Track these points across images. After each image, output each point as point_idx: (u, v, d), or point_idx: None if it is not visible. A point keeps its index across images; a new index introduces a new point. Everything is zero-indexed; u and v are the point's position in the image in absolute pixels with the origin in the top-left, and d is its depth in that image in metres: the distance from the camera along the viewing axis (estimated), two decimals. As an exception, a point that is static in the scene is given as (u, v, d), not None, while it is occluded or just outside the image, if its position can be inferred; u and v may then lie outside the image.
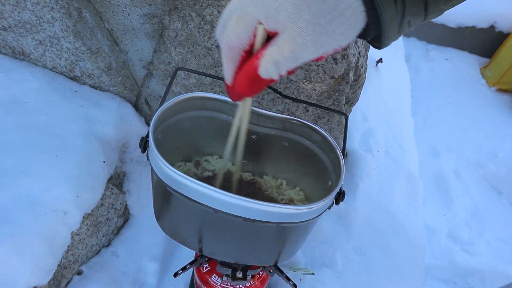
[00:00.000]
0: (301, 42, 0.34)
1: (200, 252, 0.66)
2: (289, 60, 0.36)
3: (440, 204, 1.61)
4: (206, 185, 0.49)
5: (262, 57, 0.37)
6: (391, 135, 1.32)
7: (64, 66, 0.96)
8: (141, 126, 1.00)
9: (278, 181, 0.73)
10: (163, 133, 0.62)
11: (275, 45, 0.36)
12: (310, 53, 0.35)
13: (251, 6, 0.36)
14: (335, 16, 0.33)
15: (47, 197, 0.76)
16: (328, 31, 0.34)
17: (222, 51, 0.39)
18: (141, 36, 0.85)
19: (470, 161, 1.77)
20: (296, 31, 0.34)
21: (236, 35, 0.37)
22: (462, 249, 1.45)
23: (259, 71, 0.37)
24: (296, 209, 0.52)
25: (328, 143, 0.61)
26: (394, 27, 0.35)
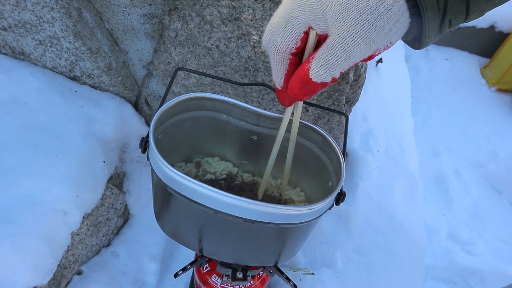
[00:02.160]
0: (351, 40, 0.35)
1: (200, 252, 0.66)
2: (341, 60, 0.36)
3: (440, 204, 1.61)
4: (206, 186, 0.49)
5: (313, 60, 0.37)
6: (391, 135, 1.32)
7: (64, 66, 0.96)
8: (141, 126, 1.00)
9: (278, 181, 0.73)
10: (163, 134, 0.62)
11: (325, 47, 0.36)
12: (361, 51, 0.36)
13: (298, 9, 0.36)
14: (382, 12, 0.33)
15: (47, 197, 0.76)
16: (377, 27, 0.34)
17: (270, 56, 0.40)
18: (141, 36, 0.85)
19: (470, 161, 1.77)
20: (345, 30, 0.35)
21: (283, 38, 0.38)
22: (462, 249, 1.45)
23: (311, 74, 0.38)
24: (297, 210, 0.51)
25: (328, 143, 0.61)
26: (435, 25, 0.35)
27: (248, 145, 0.69)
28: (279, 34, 0.38)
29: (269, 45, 0.40)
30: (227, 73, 0.85)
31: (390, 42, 0.36)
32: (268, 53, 0.41)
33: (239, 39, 0.78)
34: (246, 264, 0.71)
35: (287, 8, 0.38)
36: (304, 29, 0.37)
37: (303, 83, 0.39)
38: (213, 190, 0.49)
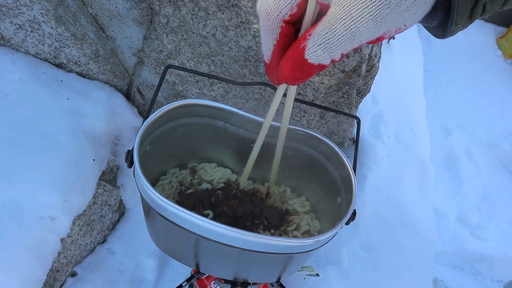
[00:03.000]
0: (357, 15, 0.28)
1: (196, 268, 0.61)
2: (343, 39, 0.29)
3: (450, 186, 1.55)
4: (190, 213, 0.44)
5: (310, 37, 0.30)
6: (402, 119, 1.24)
7: (48, 53, 0.88)
8: (134, 118, 0.93)
9: (281, 188, 0.67)
10: (152, 144, 0.55)
11: (326, 21, 0.29)
12: (369, 30, 0.29)
13: None
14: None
15: (32, 204, 0.70)
16: (392, 4, 0.27)
17: (260, 22, 0.33)
18: (128, 22, 0.76)
19: (482, 140, 1.69)
20: (352, 4, 0.28)
21: (276, 1, 0.31)
22: (471, 234, 1.41)
23: (306, 54, 0.31)
24: (301, 242, 0.46)
25: (338, 157, 0.54)
26: (466, 10, 0.28)
27: (248, 152, 0.62)
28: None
29: (260, 9, 0.33)
30: (225, 62, 0.77)
31: (404, 25, 0.30)
32: (259, 18, 0.33)
33: (238, 27, 0.69)
34: (246, 280, 0.66)
35: None
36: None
37: (296, 65, 0.32)
38: (198, 218, 0.43)
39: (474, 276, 1.35)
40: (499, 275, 1.34)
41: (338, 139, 0.90)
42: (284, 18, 0.32)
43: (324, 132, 0.87)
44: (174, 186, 0.63)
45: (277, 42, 0.33)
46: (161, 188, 0.63)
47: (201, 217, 0.44)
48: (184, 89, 0.85)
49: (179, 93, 0.86)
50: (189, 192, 0.62)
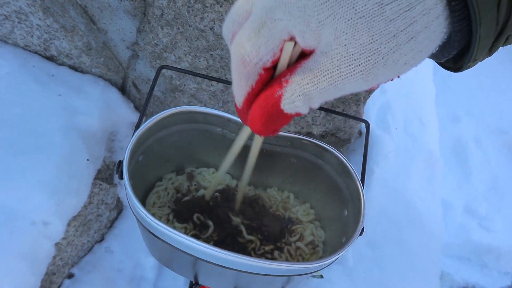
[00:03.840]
0: (347, 72, 0.24)
1: (195, 280, 0.59)
2: (326, 93, 0.25)
3: (458, 175, 1.51)
4: (190, 238, 0.40)
5: (287, 85, 0.26)
6: (410, 108, 1.19)
7: (38, 45, 0.83)
8: (130, 113, 0.88)
9: (284, 194, 0.63)
10: (145, 153, 0.52)
11: (309, 71, 0.25)
12: (356, 87, 0.25)
13: (282, 9, 0.24)
14: (403, 41, 0.23)
15: (23, 209, 0.67)
16: (388, 61, 0.23)
17: (233, 63, 0.27)
18: (120, 14, 0.71)
19: (491, 128, 1.64)
20: (343, 57, 0.23)
21: (256, 48, 0.25)
22: (479, 225, 1.38)
23: (283, 104, 0.26)
24: (305, 266, 0.42)
25: (344, 168, 0.50)
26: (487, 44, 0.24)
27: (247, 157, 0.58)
28: (249, 40, 0.25)
29: (233, 49, 0.27)
30: (225, 57, 0.72)
31: (398, 76, 0.25)
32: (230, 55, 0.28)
33: (238, 21, 0.64)
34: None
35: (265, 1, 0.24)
36: (286, 37, 0.25)
37: (271, 116, 0.27)
38: (194, 242, 0.40)
39: (481, 268, 1.33)
40: (506, 267, 1.32)
41: (344, 136, 0.85)
42: (265, 66, 0.26)
43: (330, 129, 0.83)
44: (170, 193, 0.60)
45: (252, 90, 0.28)
46: (157, 195, 0.59)
47: (197, 241, 0.40)
48: (182, 83, 0.81)
49: (176, 88, 0.82)
50: (186, 199, 0.59)
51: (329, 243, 0.58)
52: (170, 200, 0.59)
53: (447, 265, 1.31)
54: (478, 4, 0.21)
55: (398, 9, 0.22)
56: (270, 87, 0.27)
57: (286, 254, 0.56)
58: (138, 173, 0.53)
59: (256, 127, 0.29)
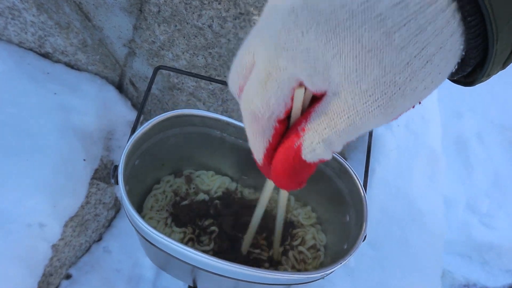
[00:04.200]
0: (364, 110, 0.22)
1: (194, 285, 0.57)
2: (346, 134, 0.23)
3: (460, 171, 1.49)
4: (187, 248, 0.39)
5: (304, 133, 0.24)
6: (412, 105, 1.17)
7: (33, 42, 0.81)
8: (127, 111, 0.87)
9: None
10: (141, 158, 0.50)
11: (324, 115, 0.23)
12: (376, 123, 0.23)
13: (285, 57, 0.22)
14: (419, 66, 0.21)
15: (18, 211, 0.66)
16: (406, 91, 0.21)
17: (245, 120, 0.26)
18: (116, 11, 0.69)
19: (494, 123, 1.62)
20: (357, 96, 0.22)
21: (265, 101, 0.24)
22: (480, 222, 1.37)
23: (304, 153, 0.25)
24: (305, 276, 0.41)
25: (347, 173, 0.49)
26: (503, 58, 0.22)
27: (248, 161, 0.56)
28: (257, 94, 0.24)
29: (243, 105, 0.25)
30: (224, 55, 0.71)
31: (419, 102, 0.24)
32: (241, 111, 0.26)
33: (237, 18, 0.62)
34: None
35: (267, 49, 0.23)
36: (294, 84, 0.23)
37: (294, 169, 0.26)
38: (192, 252, 0.39)
39: (482, 265, 1.32)
40: (507, 264, 1.31)
41: (345, 134, 0.84)
42: (279, 118, 0.25)
43: (331, 128, 0.81)
44: (168, 196, 0.58)
45: (270, 145, 0.26)
46: (154, 199, 0.58)
47: (194, 251, 0.39)
48: (180, 81, 0.79)
49: (174, 86, 0.80)
50: (185, 203, 0.58)
51: (331, 247, 0.56)
52: (168, 204, 0.58)
53: (448, 263, 1.31)
54: (496, 19, 0.19)
55: (408, 34, 0.20)
56: (288, 138, 0.25)
57: (291, 259, 0.55)
58: (135, 177, 0.51)
59: (282, 182, 0.27)
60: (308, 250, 0.56)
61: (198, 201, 0.58)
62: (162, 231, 0.52)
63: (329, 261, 0.54)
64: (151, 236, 0.41)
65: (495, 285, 1.29)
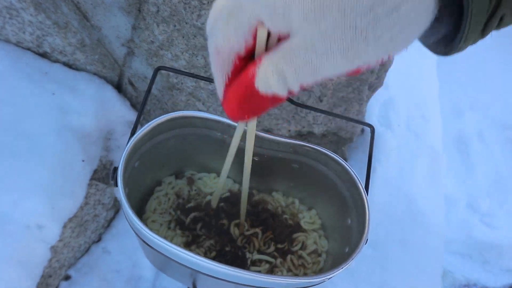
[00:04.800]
0: (323, 51, 0.22)
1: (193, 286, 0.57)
2: (303, 71, 0.23)
3: (460, 170, 1.49)
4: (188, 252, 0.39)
5: (261, 63, 0.24)
6: (413, 104, 1.17)
7: (31, 41, 0.80)
8: (126, 111, 0.86)
9: (289, 200, 0.61)
10: (141, 160, 0.50)
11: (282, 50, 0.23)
12: (337, 66, 0.23)
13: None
14: (382, 13, 0.20)
15: (16, 213, 0.66)
16: (370, 37, 0.21)
17: (210, 57, 0.27)
18: (114, 11, 0.68)
19: (496, 122, 1.61)
20: (315, 35, 0.22)
21: (226, 37, 0.25)
22: (481, 221, 1.36)
23: (257, 82, 0.25)
24: (305, 280, 0.41)
25: (348, 175, 0.48)
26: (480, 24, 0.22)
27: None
28: (220, 30, 0.25)
29: (208, 41, 0.27)
30: (223, 55, 0.70)
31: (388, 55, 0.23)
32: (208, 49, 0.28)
33: (237, 18, 0.61)
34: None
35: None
36: (254, 23, 0.24)
37: (244, 96, 0.26)
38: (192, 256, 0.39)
39: (483, 264, 1.32)
40: (508, 264, 1.30)
41: (346, 135, 0.83)
42: (239, 54, 0.26)
43: (332, 128, 0.81)
44: (171, 199, 0.58)
45: (229, 79, 0.27)
46: (157, 201, 0.58)
47: (194, 255, 0.39)
48: (179, 81, 0.78)
49: (174, 86, 0.79)
50: (190, 206, 0.57)
51: (331, 252, 0.56)
52: (172, 206, 0.57)
53: (449, 262, 1.30)
54: None
55: None
56: (246, 68, 0.26)
57: (288, 263, 0.54)
58: (135, 179, 0.51)
59: (231, 108, 0.27)
60: (309, 255, 0.56)
61: (202, 203, 0.57)
62: (164, 234, 0.52)
63: (329, 266, 0.53)
64: (150, 239, 0.41)
65: (496, 285, 1.28)
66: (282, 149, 0.51)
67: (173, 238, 0.53)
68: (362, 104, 0.75)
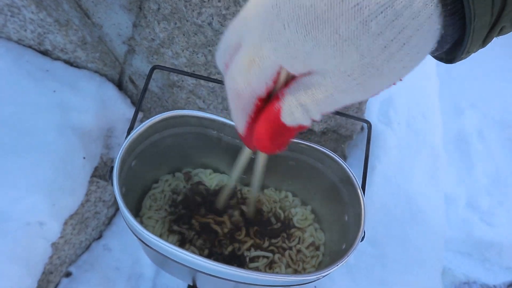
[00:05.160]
0: (343, 87, 0.24)
1: (193, 284, 0.57)
2: (323, 104, 0.25)
3: (460, 169, 1.49)
4: (186, 252, 0.39)
5: (284, 97, 0.26)
6: (413, 102, 1.17)
7: (32, 39, 0.81)
8: (127, 109, 0.86)
9: (282, 194, 0.61)
10: (138, 159, 0.50)
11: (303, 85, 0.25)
12: (355, 97, 0.25)
13: (269, 47, 0.23)
14: (396, 49, 0.22)
15: (17, 210, 0.66)
16: (384, 71, 0.23)
17: (229, 96, 0.28)
18: (115, 9, 0.68)
19: (495, 120, 1.61)
20: (336, 75, 0.23)
21: (248, 82, 0.26)
22: (481, 219, 1.36)
23: (282, 117, 0.26)
24: (302, 278, 0.41)
25: (345, 173, 0.48)
26: (481, 37, 0.23)
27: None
28: (241, 75, 0.26)
29: (227, 82, 0.27)
30: (223, 53, 0.70)
31: (399, 80, 0.25)
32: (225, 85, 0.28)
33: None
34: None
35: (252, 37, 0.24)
36: (277, 69, 0.25)
37: (274, 130, 0.27)
38: (190, 256, 0.39)
39: (482, 263, 1.32)
40: (508, 262, 1.31)
41: (346, 132, 0.83)
42: (260, 96, 0.27)
43: (331, 126, 0.81)
44: (166, 196, 0.58)
45: (251, 118, 0.28)
46: (153, 198, 0.58)
47: (191, 254, 0.39)
48: (180, 79, 0.79)
49: (174, 83, 0.80)
50: (180, 199, 0.57)
51: (330, 246, 0.56)
52: (167, 203, 0.58)
53: (449, 260, 1.31)
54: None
55: (385, 21, 0.20)
56: (270, 104, 0.27)
57: (287, 258, 0.54)
58: (132, 177, 0.51)
59: (263, 145, 0.29)
60: (307, 248, 0.56)
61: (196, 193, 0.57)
62: (159, 231, 0.52)
63: (328, 261, 0.54)
64: (145, 238, 0.41)
65: (496, 283, 1.29)
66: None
67: (169, 236, 0.54)
68: (362, 102, 0.75)
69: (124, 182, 0.46)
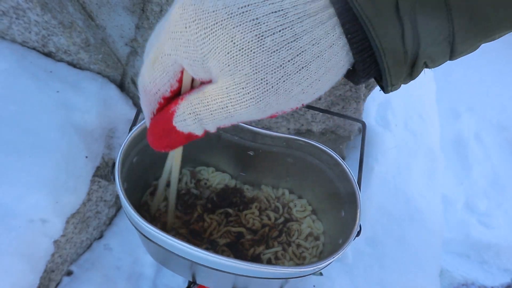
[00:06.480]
0: (237, 99, 0.24)
1: (193, 280, 0.58)
2: (218, 116, 0.25)
3: (458, 171, 1.50)
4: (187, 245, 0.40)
5: (181, 102, 0.27)
6: (411, 105, 1.18)
7: (36, 41, 0.82)
8: (128, 109, 0.88)
9: (279, 192, 0.62)
10: (139, 155, 0.51)
11: (200, 93, 0.25)
12: (250, 114, 0.25)
13: (170, 44, 0.24)
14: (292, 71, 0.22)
15: (20, 207, 0.67)
16: (280, 90, 0.23)
17: (139, 92, 0.30)
18: (119, 11, 0.70)
19: (493, 123, 1.63)
20: (231, 86, 0.24)
21: (153, 80, 0.27)
22: (479, 221, 1.37)
23: (174, 121, 0.27)
24: (299, 270, 0.42)
25: (342, 169, 0.50)
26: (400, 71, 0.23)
27: (245, 158, 0.58)
28: (147, 72, 0.27)
29: (138, 82, 0.29)
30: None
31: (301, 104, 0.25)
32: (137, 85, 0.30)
33: (236, 18, 0.63)
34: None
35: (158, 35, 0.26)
36: (179, 69, 0.26)
37: (163, 131, 0.28)
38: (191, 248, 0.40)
39: (481, 264, 1.33)
40: (506, 264, 1.32)
41: (344, 133, 0.85)
42: (164, 95, 0.28)
43: (330, 126, 0.82)
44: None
45: (154, 116, 0.29)
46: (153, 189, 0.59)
47: (192, 247, 0.40)
48: (181, 80, 0.80)
49: (175, 85, 0.81)
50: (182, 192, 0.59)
51: (329, 236, 0.57)
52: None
53: (447, 262, 1.32)
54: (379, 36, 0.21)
55: (281, 40, 0.21)
56: (168, 105, 0.28)
57: (290, 254, 0.56)
58: (134, 174, 0.52)
59: (150, 140, 0.30)
60: (305, 239, 0.57)
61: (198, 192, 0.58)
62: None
63: (330, 250, 0.55)
64: (147, 231, 0.42)
65: (493, 284, 1.29)
66: (276, 143, 0.52)
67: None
68: (359, 103, 0.76)
69: (126, 178, 0.47)
